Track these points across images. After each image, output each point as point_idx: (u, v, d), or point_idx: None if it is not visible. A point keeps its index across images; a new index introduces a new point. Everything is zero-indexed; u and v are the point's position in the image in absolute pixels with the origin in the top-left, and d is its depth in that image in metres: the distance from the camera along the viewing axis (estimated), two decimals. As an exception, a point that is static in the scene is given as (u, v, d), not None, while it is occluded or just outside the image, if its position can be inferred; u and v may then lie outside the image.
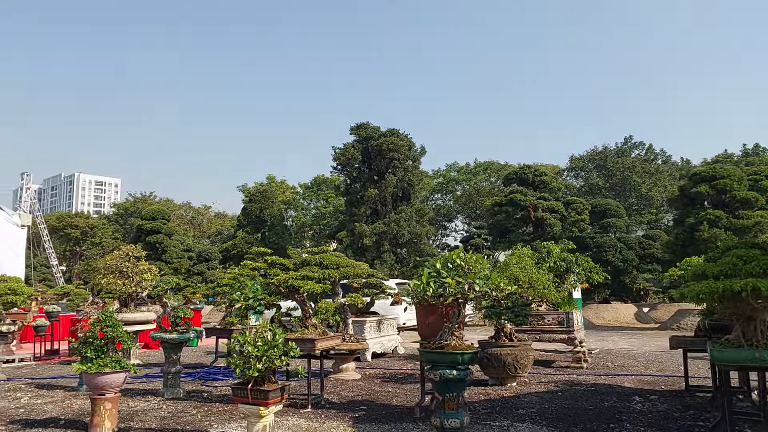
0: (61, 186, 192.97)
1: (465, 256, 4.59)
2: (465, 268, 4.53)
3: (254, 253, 8.26)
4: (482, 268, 4.48)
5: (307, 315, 7.50)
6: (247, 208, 36.97)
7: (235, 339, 5.61)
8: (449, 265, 4.58)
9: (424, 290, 4.52)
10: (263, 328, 5.68)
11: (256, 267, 7.69)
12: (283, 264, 7.92)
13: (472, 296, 4.45)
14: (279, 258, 7.87)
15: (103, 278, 11.86)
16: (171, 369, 8.18)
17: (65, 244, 47.71)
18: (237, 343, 5.50)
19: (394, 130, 31.54)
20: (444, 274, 4.51)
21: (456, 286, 4.42)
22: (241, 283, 7.82)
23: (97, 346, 6.21)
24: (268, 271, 7.65)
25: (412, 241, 31.47)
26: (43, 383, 9.33)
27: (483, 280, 4.39)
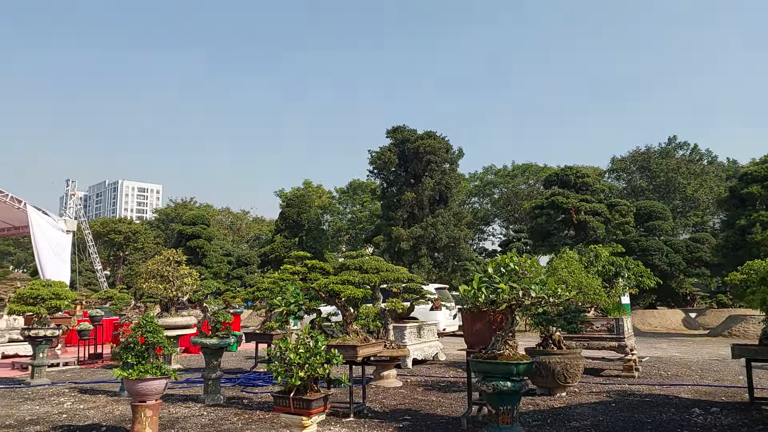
0: (105, 193, 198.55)
1: (519, 260, 4.31)
2: (519, 273, 4.24)
3: (294, 256, 8.12)
4: (538, 272, 4.19)
5: (348, 321, 7.31)
6: (285, 212, 37.16)
7: (276, 345, 5.44)
8: (502, 269, 4.30)
9: (476, 296, 4.25)
10: (305, 335, 5.50)
11: (296, 271, 7.54)
12: (323, 268, 7.75)
13: (528, 302, 4.17)
14: (319, 262, 7.70)
15: (145, 282, 11.92)
16: (211, 375, 8.09)
17: (109, 249, 48.85)
18: (278, 349, 5.33)
19: (431, 132, 31.20)
20: (497, 279, 4.24)
21: (510, 292, 4.14)
22: (281, 287, 7.68)
23: (137, 351, 6.13)
24: (308, 275, 7.49)
25: (449, 245, 31.04)
26: (86, 387, 9.37)
27: (539, 286, 4.10)
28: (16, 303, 9.84)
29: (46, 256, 19.77)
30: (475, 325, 6.35)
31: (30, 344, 9.82)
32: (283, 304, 5.38)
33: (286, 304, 5.40)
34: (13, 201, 19.86)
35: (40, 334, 9.65)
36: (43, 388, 9.30)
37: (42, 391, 8.95)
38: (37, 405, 7.83)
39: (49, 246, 19.92)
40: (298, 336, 5.47)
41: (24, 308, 9.72)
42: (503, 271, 4.27)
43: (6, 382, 10.01)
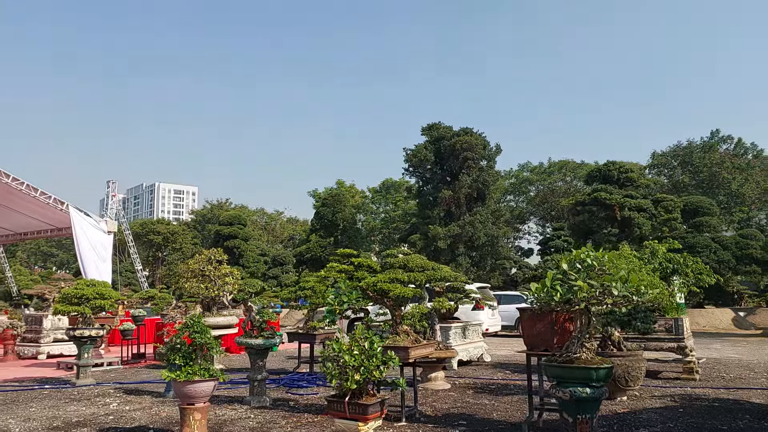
0: (142, 195, 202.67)
1: (596, 255, 3.95)
2: (597, 269, 3.88)
3: (340, 254, 7.86)
4: (620, 268, 3.82)
5: (398, 321, 7.01)
6: (320, 212, 37.11)
7: (329, 347, 5.19)
8: (578, 265, 3.95)
9: (550, 295, 3.90)
10: (359, 336, 5.23)
11: (343, 269, 7.27)
12: (370, 266, 7.47)
13: (610, 302, 3.80)
14: (366, 259, 7.42)
15: (186, 282, 11.84)
16: (257, 376, 7.90)
17: (148, 250, 49.66)
18: (332, 351, 5.07)
19: (468, 129, 30.64)
20: (572, 276, 3.89)
21: (589, 290, 3.79)
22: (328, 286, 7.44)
23: (185, 352, 5.94)
24: (355, 274, 7.23)
25: (488, 244, 30.47)
26: (131, 388, 9.29)
27: (621, 283, 3.74)
28: (61, 303, 9.84)
29: (88, 256, 19.99)
30: (536, 326, 5.98)
31: (75, 344, 9.81)
32: (336, 303, 5.12)
33: (339, 303, 5.13)
34: (56, 202, 20.14)
35: (85, 334, 9.62)
36: (89, 388, 9.26)
37: (87, 392, 8.90)
38: (83, 406, 7.75)
39: (90, 246, 20.14)
40: (352, 337, 5.21)
41: (69, 308, 9.71)
42: (579, 267, 3.92)
43: (52, 382, 10.02)
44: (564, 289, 3.86)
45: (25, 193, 19.57)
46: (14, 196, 20.46)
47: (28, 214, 22.23)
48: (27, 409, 7.54)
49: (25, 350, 13.86)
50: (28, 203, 20.83)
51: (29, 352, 13.80)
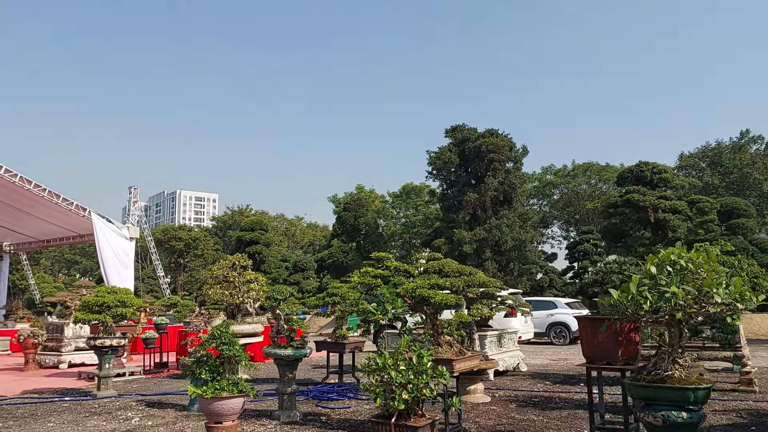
0: (164, 202, 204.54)
1: (690, 256, 3.38)
2: (693, 273, 3.32)
3: (374, 258, 7.35)
4: (719, 271, 3.26)
5: (439, 330, 6.47)
6: (342, 216, 36.70)
7: (371, 360, 4.67)
8: (668, 268, 3.38)
9: (637, 303, 3.34)
10: (404, 348, 4.70)
11: (378, 274, 6.75)
12: (407, 271, 6.94)
13: (713, 310, 3.24)
14: (403, 264, 6.90)
15: (210, 288, 11.43)
16: (287, 389, 7.40)
17: (170, 257, 49.69)
18: (374, 365, 4.55)
19: (493, 130, 29.97)
20: (663, 281, 3.32)
21: (685, 296, 3.22)
22: (361, 293, 6.93)
23: (212, 366, 5.47)
24: (391, 279, 6.70)
25: (515, 248, 29.74)
26: (154, 400, 8.86)
27: (723, 289, 3.17)
28: (81, 311, 9.46)
29: (111, 263, 19.74)
30: (598, 336, 5.39)
31: (96, 354, 9.42)
32: (379, 312, 4.60)
33: (382, 312, 4.61)
34: (78, 209, 19.93)
35: (106, 343, 9.22)
36: (110, 400, 8.85)
37: (108, 405, 8.49)
38: (104, 420, 7.32)
39: (113, 253, 19.89)
40: (396, 350, 4.69)
41: (89, 316, 9.32)
42: (671, 271, 3.36)
43: (72, 393, 9.64)
44: (654, 297, 3.30)
45: (47, 200, 19.40)
46: (36, 203, 20.33)
47: (50, 220, 22.09)
48: (45, 424, 7.14)
49: (46, 359, 13.56)
50: (51, 210, 20.68)
51: (50, 361, 13.50)
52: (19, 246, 26.66)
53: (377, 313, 4.64)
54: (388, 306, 4.64)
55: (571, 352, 17.52)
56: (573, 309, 20.99)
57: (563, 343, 20.25)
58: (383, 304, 4.69)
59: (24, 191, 19.08)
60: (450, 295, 6.49)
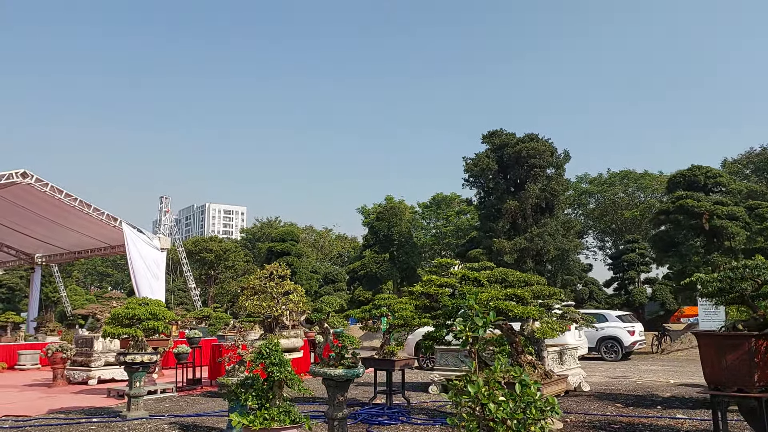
0: (193, 216, 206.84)
1: None
2: None
3: (437, 265, 6.46)
4: None
5: (519, 349, 5.54)
6: (375, 226, 35.87)
7: (459, 388, 3.76)
8: None
9: None
10: (498, 373, 3.79)
11: (444, 283, 5.85)
12: (477, 280, 6.03)
13: None
14: (473, 272, 6.00)
15: (247, 300, 10.67)
16: (337, 414, 6.50)
17: (200, 268, 49.48)
18: (465, 395, 3.64)
19: (533, 134, 28.86)
20: None
21: None
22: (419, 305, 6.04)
23: (259, 390, 4.63)
24: (459, 288, 5.80)
25: (558, 258, 28.51)
26: (188, 423, 8.07)
27: None
28: (110, 325, 8.75)
29: (142, 274, 19.25)
30: (725, 357, 4.41)
31: (126, 371, 8.68)
32: (467, 329, 3.71)
33: (471, 328, 3.72)
34: (109, 219, 19.53)
35: (136, 360, 8.47)
36: (140, 423, 8.08)
37: (139, 428, 7.72)
38: (134, 448, 6.54)
39: (144, 264, 19.40)
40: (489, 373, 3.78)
41: (119, 330, 8.61)
42: None
43: (101, 414, 8.92)
44: None
45: (78, 210, 19.04)
46: (68, 213, 19.99)
47: (81, 231, 21.76)
48: (69, 452, 6.38)
49: (75, 375, 12.94)
50: (81, 220, 20.33)
51: (79, 376, 12.87)
52: (51, 258, 26.47)
53: (465, 330, 3.73)
54: (478, 320, 3.73)
55: (628, 369, 16.33)
56: (624, 322, 19.77)
57: (615, 359, 19.03)
58: (471, 318, 3.79)
59: (55, 201, 18.74)
60: (531, 308, 5.57)
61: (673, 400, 9.89)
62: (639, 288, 30.18)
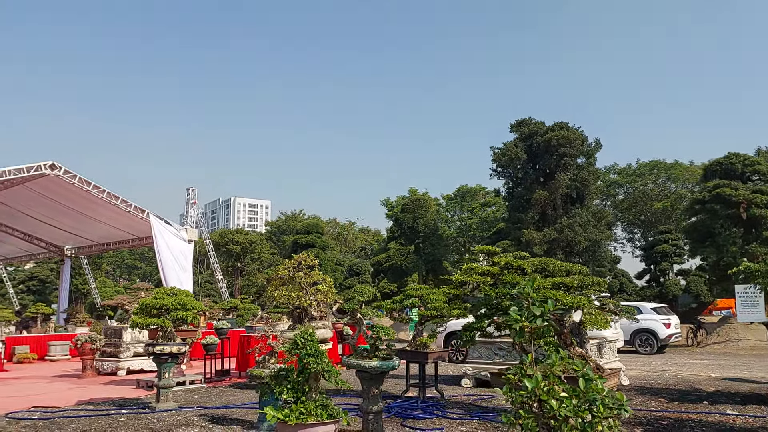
0: (219, 209, 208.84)
1: None
2: None
3: (478, 251, 6.13)
4: None
5: (567, 341, 5.20)
6: (400, 218, 35.50)
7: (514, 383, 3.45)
8: None
9: None
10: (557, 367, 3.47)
11: (486, 271, 5.53)
12: (521, 268, 5.69)
13: None
14: (516, 259, 5.66)
15: (276, 290, 10.46)
16: (372, 407, 6.22)
17: (227, 260, 49.75)
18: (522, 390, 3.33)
19: (563, 123, 28.12)
20: None
21: None
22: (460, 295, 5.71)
23: (294, 383, 4.37)
24: (501, 278, 5.47)
25: (589, 249, 27.83)
26: (217, 415, 7.88)
27: None
28: (139, 315, 8.61)
29: (169, 266, 19.23)
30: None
31: (154, 362, 8.53)
32: (525, 318, 3.39)
33: (528, 317, 3.40)
34: (137, 210, 19.53)
35: (165, 350, 8.31)
36: (170, 414, 7.92)
37: (168, 420, 7.55)
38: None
39: (171, 255, 19.38)
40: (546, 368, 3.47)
41: (148, 320, 8.46)
42: None
43: (130, 405, 8.79)
44: None
45: (106, 201, 19.07)
46: (96, 205, 20.05)
47: (109, 223, 21.85)
48: (98, 444, 6.23)
49: (104, 365, 12.91)
50: (109, 212, 20.39)
51: (108, 367, 12.84)
52: (80, 250, 26.70)
53: (522, 319, 3.42)
54: (535, 309, 3.40)
55: (665, 362, 15.81)
56: (660, 315, 19.19)
57: (650, 352, 18.47)
58: (527, 307, 3.47)
59: (83, 193, 18.79)
60: (582, 298, 5.22)
61: (719, 395, 9.45)
62: (672, 280, 29.34)
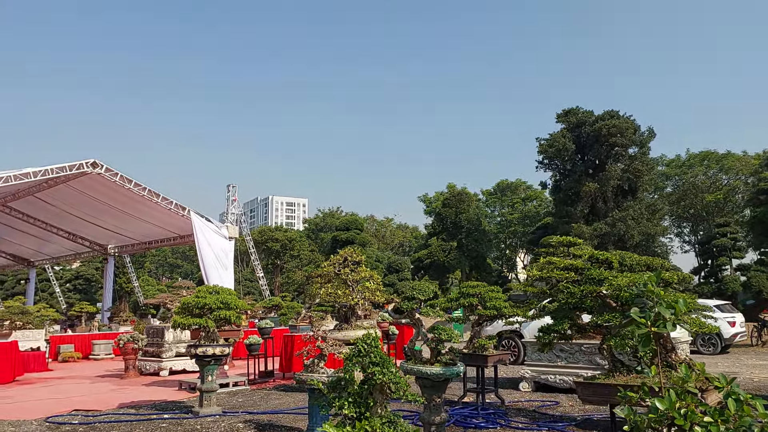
0: (257, 208, 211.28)
1: None
2: None
3: (555, 243, 5.44)
4: None
5: (669, 347, 4.47)
6: (441, 213, 34.69)
7: (635, 402, 2.78)
8: None
9: None
10: (693, 382, 2.78)
11: (569, 265, 4.83)
12: (608, 261, 4.98)
13: None
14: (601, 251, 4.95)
15: (321, 288, 9.94)
16: (434, 418, 5.63)
17: (266, 258, 49.86)
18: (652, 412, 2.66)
19: (613, 111, 26.80)
20: None
21: None
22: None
23: (355, 395, 3.77)
24: (587, 272, 4.76)
25: (642, 243, 26.56)
26: (263, 421, 7.38)
27: None
28: (180, 314, 8.18)
29: (211, 263, 18.99)
30: None
31: (197, 364, 8.10)
32: (650, 320, 2.71)
33: (656, 321, 2.72)
34: (177, 208, 19.35)
35: (208, 352, 7.86)
36: (214, 420, 7.46)
37: (213, 426, 7.08)
38: (208, 451, 5.87)
39: (213, 253, 19.14)
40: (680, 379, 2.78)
41: (189, 320, 8.01)
42: None
43: (172, 408, 8.38)
44: None
45: (147, 199, 18.94)
46: (137, 203, 19.97)
47: (151, 221, 21.79)
48: (139, 455, 5.77)
49: (146, 365, 12.63)
50: (151, 210, 20.28)
51: (151, 367, 12.55)
52: (123, 248, 26.82)
53: (647, 323, 2.74)
54: (664, 311, 2.72)
55: (732, 364, 14.71)
56: (724, 312, 17.99)
57: (713, 352, 17.33)
58: (650, 309, 2.78)
59: (125, 191, 18.69)
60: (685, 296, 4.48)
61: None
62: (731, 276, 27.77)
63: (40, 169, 16.48)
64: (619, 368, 4.65)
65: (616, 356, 4.74)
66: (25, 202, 21.39)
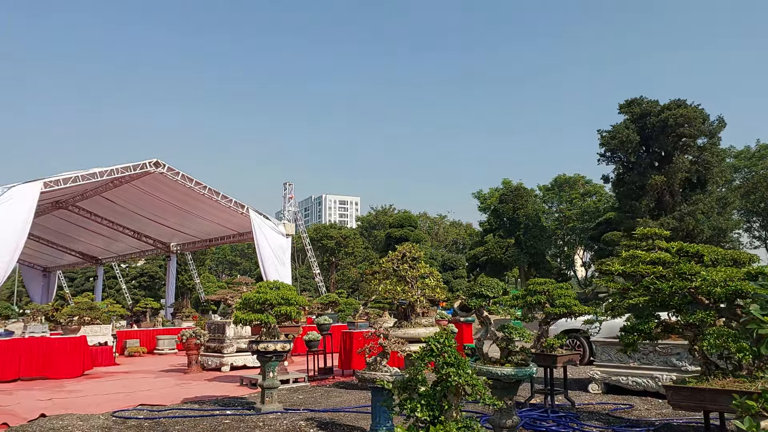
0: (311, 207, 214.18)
1: None
2: None
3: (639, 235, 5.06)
4: None
5: None
6: (498, 209, 34.01)
7: (757, 412, 2.44)
8: None
9: None
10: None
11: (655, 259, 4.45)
12: (699, 254, 4.58)
13: None
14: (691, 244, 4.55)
15: (380, 284, 9.77)
16: (505, 422, 5.34)
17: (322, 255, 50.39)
18: None
19: (680, 100, 25.50)
20: None
21: None
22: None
23: (427, 398, 3.54)
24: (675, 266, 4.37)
25: (713, 239, 25.23)
26: (325, 419, 7.25)
27: None
28: (241, 310, 8.16)
29: (269, 260, 19.21)
30: None
31: (258, 360, 8.06)
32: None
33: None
34: (237, 206, 19.63)
35: (269, 348, 7.80)
36: (275, 417, 7.38)
37: (275, 423, 7.00)
38: (272, 449, 5.77)
39: (271, 250, 19.35)
40: None
41: (251, 316, 7.98)
42: None
43: (234, 405, 8.37)
44: None
45: (208, 197, 19.30)
46: (197, 201, 20.38)
47: (211, 219, 22.22)
48: (203, 451, 5.72)
49: (208, 361, 12.79)
50: (211, 208, 20.67)
51: (213, 363, 12.70)
52: (185, 246, 27.50)
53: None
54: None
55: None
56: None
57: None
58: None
59: (186, 189, 19.09)
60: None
61: None
62: (812, 273, 25.87)
63: (106, 169, 16.98)
64: (713, 371, 4.25)
65: (709, 358, 4.33)
66: (92, 201, 22.19)
